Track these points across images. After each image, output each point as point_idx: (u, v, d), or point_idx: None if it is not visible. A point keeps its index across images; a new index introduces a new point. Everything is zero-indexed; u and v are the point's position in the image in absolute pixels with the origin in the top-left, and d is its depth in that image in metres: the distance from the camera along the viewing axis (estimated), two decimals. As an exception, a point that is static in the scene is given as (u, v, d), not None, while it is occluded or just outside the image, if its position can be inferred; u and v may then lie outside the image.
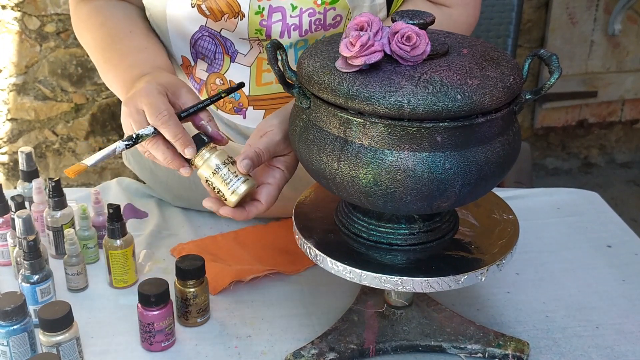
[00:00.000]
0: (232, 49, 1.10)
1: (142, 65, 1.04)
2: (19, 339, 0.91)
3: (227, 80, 1.13)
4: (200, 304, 1.02)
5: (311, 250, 0.91)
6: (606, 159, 3.12)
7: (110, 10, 1.13)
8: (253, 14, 1.06)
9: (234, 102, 1.14)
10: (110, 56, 1.08)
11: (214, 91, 1.14)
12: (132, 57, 1.06)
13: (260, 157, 0.94)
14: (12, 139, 2.54)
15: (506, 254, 0.90)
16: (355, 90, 0.79)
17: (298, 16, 1.06)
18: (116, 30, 1.10)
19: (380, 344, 0.98)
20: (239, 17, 1.06)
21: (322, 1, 1.06)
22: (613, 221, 1.31)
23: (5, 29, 2.39)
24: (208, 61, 1.12)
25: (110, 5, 1.14)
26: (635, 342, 1.02)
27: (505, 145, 0.84)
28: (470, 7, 1.16)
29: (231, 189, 0.92)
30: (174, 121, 0.91)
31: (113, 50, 1.08)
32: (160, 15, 1.10)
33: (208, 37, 1.09)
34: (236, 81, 1.12)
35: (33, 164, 1.22)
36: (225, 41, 1.09)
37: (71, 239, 1.07)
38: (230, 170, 0.92)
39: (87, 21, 1.14)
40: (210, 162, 0.92)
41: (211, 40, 1.09)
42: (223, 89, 1.12)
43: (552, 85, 0.84)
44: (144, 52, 1.07)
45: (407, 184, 0.80)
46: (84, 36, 1.15)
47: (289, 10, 1.06)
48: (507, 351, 0.97)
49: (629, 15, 2.81)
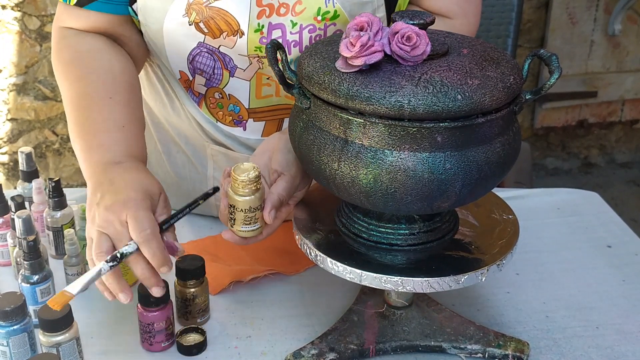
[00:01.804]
0: (231, 64, 1.08)
1: (115, 149, 0.99)
2: (18, 339, 0.91)
3: (227, 95, 1.11)
4: (200, 304, 1.02)
5: (311, 250, 0.91)
6: (606, 159, 3.12)
7: (93, 61, 1.07)
8: (252, 32, 1.05)
9: (234, 115, 1.14)
10: (83, 123, 1.02)
11: (213, 104, 1.13)
12: (106, 136, 1.00)
13: (283, 202, 0.96)
14: (12, 139, 2.54)
15: (506, 254, 0.90)
16: (356, 90, 0.79)
17: (298, 33, 1.06)
18: (96, 91, 1.04)
19: (380, 344, 0.98)
20: (237, 34, 1.05)
21: (322, 17, 1.05)
22: (613, 221, 1.31)
23: (5, 29, 2.39)
24: (206, 76, 1.10)
25: (94, 52, 1.08)
26: (635, 343, 1.02)
27: (505, 145, 0.84)
28: (470, 17, 1.16)
29: (244, 228, 0.94)
30: (156, 240, 0.90)
31: (87, 118, 1.02)
32: (157, 31, 1.07)
33: (206, 52, 1.07)
34: (235, 95, 1.11)
35: (33, 164, 1.22)
36: (224, 57, 1.08)
37: (71, 239, 1.07)
38: (256, 215, 0.93)
39: (67, 68, 1.08)
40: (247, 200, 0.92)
41: (209, 56, 1.08)
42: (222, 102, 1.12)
43: (552, 85, 0.84)
44: (120, 131, 1.01)
45: (407, 184, 0.80)
46: (61, 82, 1.09)
47: (289, 27, 1.05)
48: (507, 351, 0.97)
49: (629, 15, 2.81)
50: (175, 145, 1.23)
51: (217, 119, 1.15)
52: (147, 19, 1.07)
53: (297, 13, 1.05)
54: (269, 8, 1.04)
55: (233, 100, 1.12)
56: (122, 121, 1.02)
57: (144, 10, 1.07)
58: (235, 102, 1.12)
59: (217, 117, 1.15)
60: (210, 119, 1.15)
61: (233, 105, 1.13)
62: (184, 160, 1.23)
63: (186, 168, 1.23)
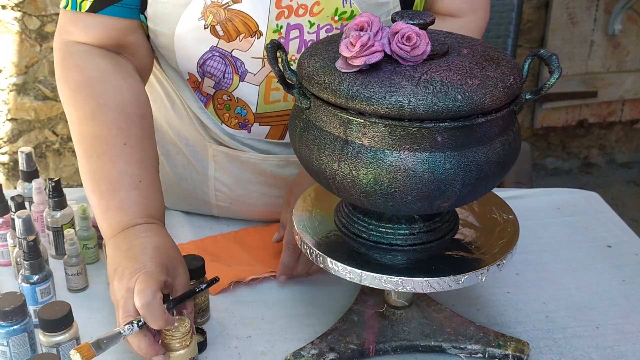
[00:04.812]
0: (242, 69, 1.08)
1: (134, 210, 0.98)
2: (19, 339, 0.91)
3: (235, 98, 1.11)
4: (200, 304, 1.02)
5: (311, 250, 0.91)
6: (606, 159, 3.12)
7: (104, 95, 1.03)
8: (271, 33, 1.05)
9: (240, 118, 1.14)
10: (98, 175, 1.01)
11: (221, 106, 1.13)
12: (124, 195, 0.99)
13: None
14: (12, 139, 2.54)
15: (506, 254, 0.90)
16: (356, 90, 0.79)
17: (315, 32, 1.06)
18: (108, 135, 1.01)
19: (380, 344, 0.98)
20: (256, 35, 1.05)
21: (339, 17, 1.06)
22: (613, 221, 1.31)
23: (5, 29, 2.39)
24: (216, 79, 1.10)
25: (104, 80, 1.04)
26: (635, 342, 1.02)
27: (505, 145, 0.84)
28: (480, 12, 1.17)
29: None
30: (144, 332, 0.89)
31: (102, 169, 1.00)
32: (168, 37, 1.07)
33: (218, 57, 1.07)
34: (244, 99, 1.11)
35: (33, 164, 1.22)
36: (236, 61, 1.08)
37: (71, 239, 1.07)
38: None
39: (76, 96, 1.05)
40: (179, 355, 0.91)
41: (221, 60, 1.08)
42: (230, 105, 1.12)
43: (552, 85, 0.84)
44: (137, 189, 1.00)
45: (407, 184, 0.80)
46: (69, 110, 1.06)
47: (307, 27, 1.06)
48: (507, 351, 0.97)
49: (629, 15, 2.81)
50: (175, 147, 1.23)
51: (222, 121, 1.15)
52: (158, 24, 1.06)
53: (315, 14, 1.05)
54: (287, 9, 1.05)
55: (241, 103, 1.12)
56: (138, 176, 1.01)
57: (154, 17, 1.06)
58: (243, 106, 1.12)
59: (222, 118, 1.15)
60: (215, 120, 1.15)
61: (240, 109, 1.13)
62: (183, 161, 1.23)
63: (186, 169, 1.23)
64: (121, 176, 1.00)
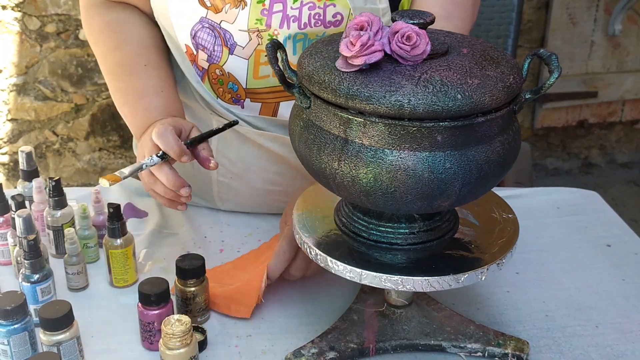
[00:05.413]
0: (231, 41, 1.12)
1: (158, 110, 1.13)
2: (19, 338, 0.92)
3: (226, 72, 1.15)
4: (200, 303, 1.02)
5: (311, 249, 0.91)
6: (606, 159, 3.12)
7: (123, 31, 1.19)
8: (255, 3, 1.08)
9: (232, 93, 1.17)
10: (126, 90, 1.17)
11: (215, 80, 1.17)
12: (148, 100, 1.14)
13: None
14: (12, 139, 2.54)
15: (506, 253, 0.90)
16: (356, 89, 0.79)
17: (298, 8, 1.08)
18: (131, 60, 1.17)
19: (380, 343, 0.98)
20: (240, 6, 1.08)
21: None
22: (613, 221, 1.31)
23: (5, 29, 2.39)
24: (207, 52, 1.14)
25: (123, 21, 1.20)
26: (634, 341, 1.02)
27: (505, 144, 0.84)
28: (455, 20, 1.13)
29: None
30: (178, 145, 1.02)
31: (129, 85, 1.17)
32: (163, 8, 1.13)
33: (208, 28, 1.12)
34: (234, 74, 1.14)
35: (33, 163, 1.22)
36: (225, 33, 1.11)
37: (71, 238, 1.07)
38: None
39: (100, 37, 1.21)
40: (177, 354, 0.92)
41: (211, 32, 1.12)
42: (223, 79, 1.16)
43: (552, 84, 0.84)
44: (159, 96, 1.15)
45: (407, 184, 0.80)
46: (95, 49, 1.23)
47: (290, 2, 1.08)
48: (506, 350, 0.98)
49: (629, 15, 2.81)
50: None
51: (217, 95, 1.18)
52: None
53: None
54: None
55: (232, 78, 1.15)
56: (160, 87, 1.16)
57: None
58: (234, 81, 1.15)
59: (217, 93, 1.18)
60: (211, 94, 1.19)
61: (232, 84, 1.16)
62: None
63: None
64: (145, 87, 1.16)
